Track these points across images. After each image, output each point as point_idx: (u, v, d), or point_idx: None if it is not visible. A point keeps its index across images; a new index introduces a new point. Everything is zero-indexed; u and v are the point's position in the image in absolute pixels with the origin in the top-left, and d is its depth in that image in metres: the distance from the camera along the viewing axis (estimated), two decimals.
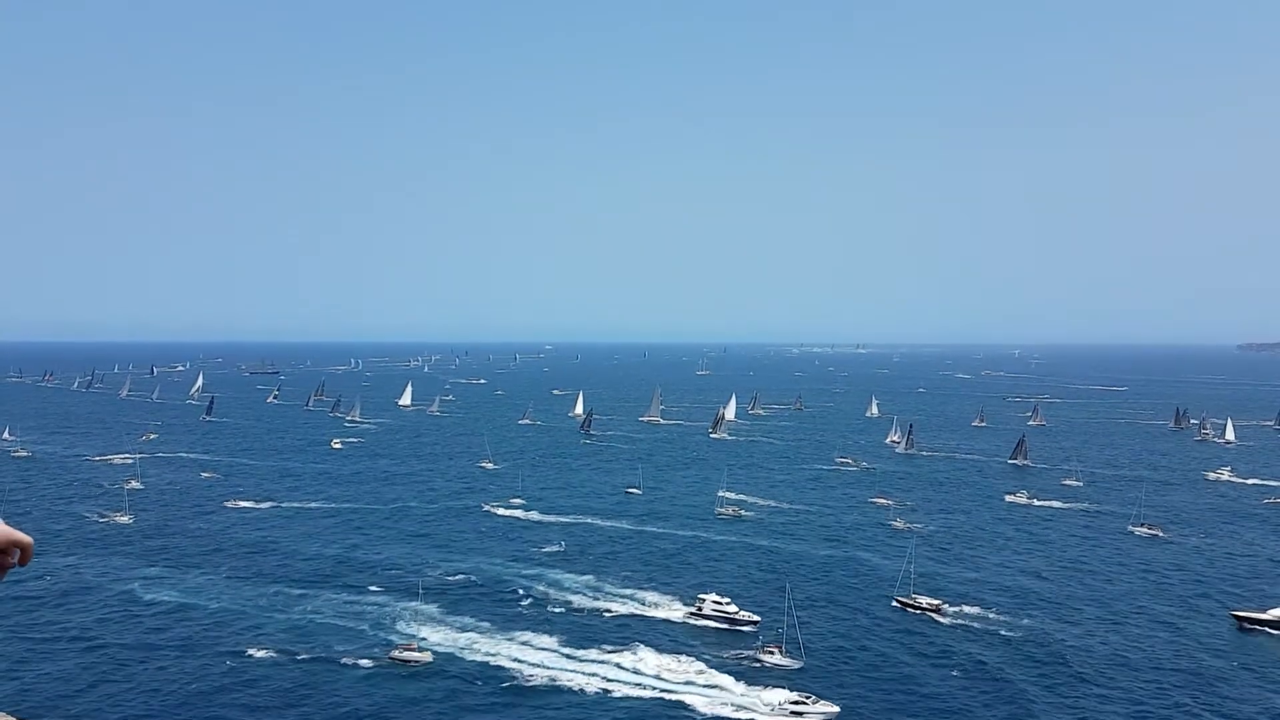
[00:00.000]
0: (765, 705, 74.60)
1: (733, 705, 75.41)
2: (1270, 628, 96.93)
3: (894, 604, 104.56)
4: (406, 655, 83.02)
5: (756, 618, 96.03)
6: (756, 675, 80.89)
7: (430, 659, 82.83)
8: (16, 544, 2.82)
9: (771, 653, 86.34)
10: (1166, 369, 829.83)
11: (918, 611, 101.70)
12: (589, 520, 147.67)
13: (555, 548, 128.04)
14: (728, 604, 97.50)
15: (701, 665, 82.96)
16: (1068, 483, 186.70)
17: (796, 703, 74.14)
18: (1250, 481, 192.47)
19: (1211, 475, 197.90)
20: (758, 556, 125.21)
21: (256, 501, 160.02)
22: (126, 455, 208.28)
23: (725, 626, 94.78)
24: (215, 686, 75.90)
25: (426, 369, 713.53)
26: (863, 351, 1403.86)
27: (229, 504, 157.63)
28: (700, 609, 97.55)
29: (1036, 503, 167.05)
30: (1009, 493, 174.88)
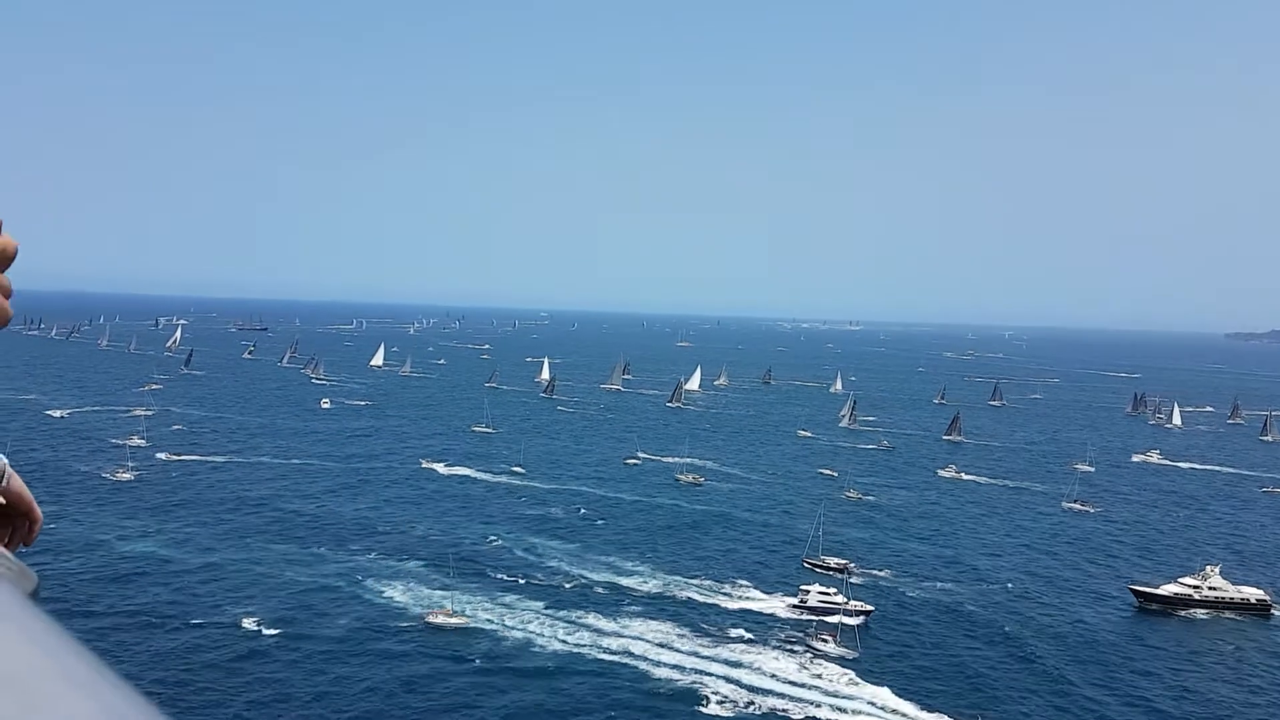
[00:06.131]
0: None
1: None
2: (1165, 603, 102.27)
3: (804, 565, 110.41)
4: (440, 619, 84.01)
5: (869, 607, 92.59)
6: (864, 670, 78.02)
7: (466, 623, 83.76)
8: (30, 515, 2.44)
9: (826, 640, 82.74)
10: (1160, 355, 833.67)
11: (825, 571, 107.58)
12: (610, 493, 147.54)
13: (591, 521, 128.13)
14: (835, 594, 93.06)
15: (846, 669, 78.89)
16: (1079, 467, 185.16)
17: None
18: (1181, 465, 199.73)
19: (1138, 457, 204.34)
20: (742, 530, 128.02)
21: (250, 457, 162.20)
22: (142, 409, 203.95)
23: (832, 619, 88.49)
24: (231, 654, 76.47)
25: (413, 331, 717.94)
26: (855, 329, 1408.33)
27: (225, 459, 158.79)
28: (804, 600, 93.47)
29: (965, 476, 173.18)
30: (941, 467, 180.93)
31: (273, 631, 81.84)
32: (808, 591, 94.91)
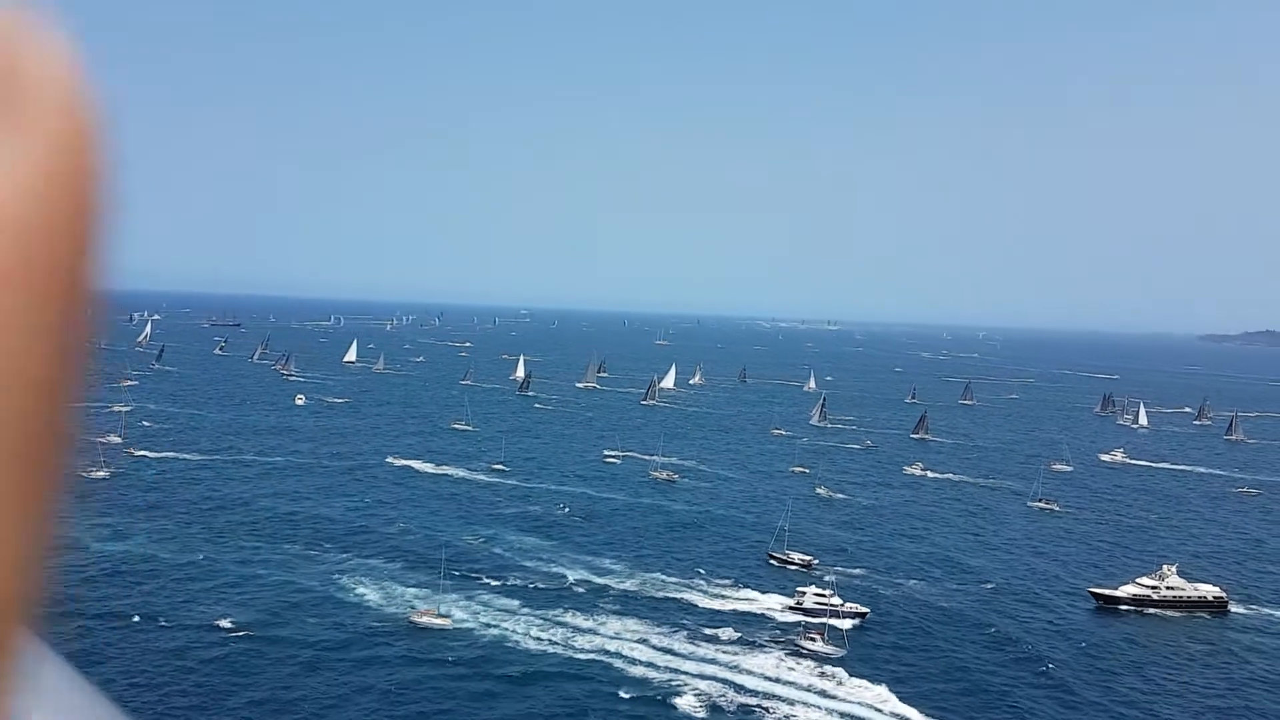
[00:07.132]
0: None
1: None
2: (1124, 603, 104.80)
3: (769, 560, 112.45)
4: (426, 620, 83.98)
5: (865, 610, 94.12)
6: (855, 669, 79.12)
7: (450, 624, 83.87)
8: None
9: (814, 639, 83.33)
10: (1136, 356, 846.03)
11: (791, 566, 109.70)
12: (587, 490, 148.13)
13: (568, 518, 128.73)
14: (831, 596, 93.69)
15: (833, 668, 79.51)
16: (1057, 466, 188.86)
17: None
18: (1145, 464, 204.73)
19: (1105, 456, 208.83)
20: (717, 527, 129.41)
21: (225, 454, 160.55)
22: (119, 405, 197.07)
23: (829, 620, 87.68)
24: (207, 657, 76.30)
25: (389, 328, 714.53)
26: (833, 328, 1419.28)
27: (201, 457, 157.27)
28: (800, 603, 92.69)
29: (930, 474, 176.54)
30: (907, 464, 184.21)
31: (250, 633, 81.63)
32: (803, 593, 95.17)
